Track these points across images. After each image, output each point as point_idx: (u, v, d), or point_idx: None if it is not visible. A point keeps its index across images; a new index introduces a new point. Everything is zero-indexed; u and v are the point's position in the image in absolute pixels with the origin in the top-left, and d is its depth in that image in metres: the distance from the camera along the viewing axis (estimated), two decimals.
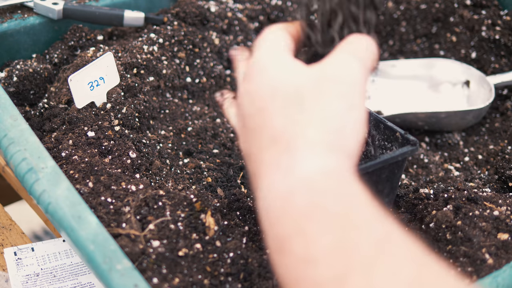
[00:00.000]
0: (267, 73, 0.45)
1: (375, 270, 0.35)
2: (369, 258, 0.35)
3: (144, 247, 0.55)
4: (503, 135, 0.89)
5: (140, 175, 0.69)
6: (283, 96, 0.43)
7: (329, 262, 0.36)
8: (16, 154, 0.59)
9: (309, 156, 0.40)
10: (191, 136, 0.83)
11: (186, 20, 0.92)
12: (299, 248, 0.37)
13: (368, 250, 0.36)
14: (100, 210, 0.58)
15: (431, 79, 0.96)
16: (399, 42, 1.06)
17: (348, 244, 0.36)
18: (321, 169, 0.39)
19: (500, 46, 0.96)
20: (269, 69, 0.45)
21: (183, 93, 0.90)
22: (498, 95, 0.94)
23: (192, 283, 0.53)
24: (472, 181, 0.80)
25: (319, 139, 0.40)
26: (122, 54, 0.83)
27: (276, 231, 0.39)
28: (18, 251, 0.69)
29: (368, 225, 0.37)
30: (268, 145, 0.42)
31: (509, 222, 0.61)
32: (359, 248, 0.36)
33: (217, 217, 0.60)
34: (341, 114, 0.42)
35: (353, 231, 0.37)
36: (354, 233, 0.36)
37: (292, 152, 0.40)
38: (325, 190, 0.38)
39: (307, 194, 0.38)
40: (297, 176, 0.39)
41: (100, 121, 0.71)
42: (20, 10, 0.89)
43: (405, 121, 0.89)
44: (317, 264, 0.36)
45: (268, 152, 0.42)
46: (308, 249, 0.37)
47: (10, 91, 0.81)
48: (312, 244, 0.37)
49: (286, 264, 0.38)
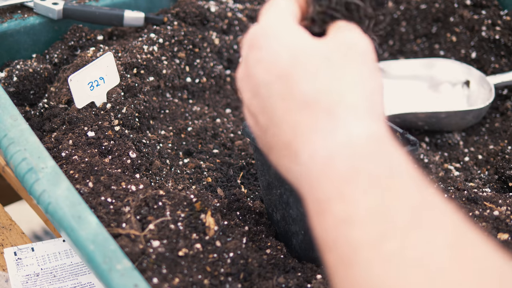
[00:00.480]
0: (282, 39, 0.44)
1: (411, 235, 0.35)
2: (406, 222, 0.36)
3: (144, 247, 0.55)
4: (503, 135, 0.89)
5: (140, 175, 0.69)
6: (308, 62, 0.42)
7: (367, 224, 0.36)
8: (16, 154, 0.59)
9: (351, 120, 0.40)
10: (191, 136, 0.83)
11: (186, 20, 0.92)
12: (339, 209, 0.37)
13: (406, 215, 0.36)
14: (100, 210, 0.58)
15: (431, 79, 0.96)
16: (399, 42, 1.06)
17: (386, 208, 0.36)
18: (364, 133, 0.39)
19: (500, 46, 0.96)
20: (283, 35, 0.44)
21: (183, 93, 0.90)
22: (498, 95, 0.94)
23: (192, 283, 0.53)
24: (472, 181, 0.80)
25: (359, 104, 0.41)
26: (122, 54, 0.83)
27: (317, 194, 0.39)
28: (18, 251, 0.69)
29: (407, 190, 0.37)
30: (300, 108, 0.41)
31: (509, 222, 0.61)
32: (397, 212, 0.36)
33: (217, 217, 0.60)
34: (368, 79, 0.43)
35: (393, 195, 0.37)
36: (393, 197, 0.37)
37: (333, 117, 0.40)
38: (368, 154, 0.38)
39: (349, 157, 0.38)
40: (340, 140, 0.39)
41: (100, 121, 0.71)
42: (20, 10, 0.89)
43: (405, 121, 0.89)
44: (355, 225, 0.36)
45: (302, 115, 0.41)
46: (349, 211, 0.37)
47: (10, 91, 0.81)
48: (352, 205, 0.37)
49: (325, 226, 0.38)
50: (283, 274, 0.58)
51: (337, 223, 0.37)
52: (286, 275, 0.58)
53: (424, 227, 0.36)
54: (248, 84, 0.45)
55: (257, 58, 0.44)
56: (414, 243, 0.35)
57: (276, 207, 0.64)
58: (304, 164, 0.41)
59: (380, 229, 0.36)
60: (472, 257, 0.35)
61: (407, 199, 0.37)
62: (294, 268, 0.59)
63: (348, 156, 0.38)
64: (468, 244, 0.36)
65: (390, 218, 0.36)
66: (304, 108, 0.41)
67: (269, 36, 0.44)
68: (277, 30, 0.44)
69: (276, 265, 0.59)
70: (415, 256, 0.34)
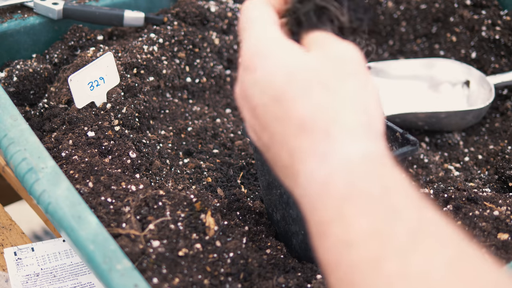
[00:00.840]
0: (274, 59, 0.43)
1: (411, 254, 0.35)
2: (405, 242, 0.36)
3: (144, 247, 0.55)
4: (503, 135, 0.89)
5: (140, 175, 0.69)
6: (302, 80, 0.42)
7: (367, 244, 0.36)
8: (16, 154, 0.59)
9: (348, 140, 0.40)
10: (191, 136, 0.83)
11: (186, 20, 0.92)
12: (339, 231, 0.38)
13: (405, 234, 0.36)
14: (100, 210, 0.58)
15: (431, 79, 0.96)
16: (399, 42, 1.06)
17: (386, 227, 0.37)
18: (361, 153, 0.39)
19: (500, 46, 0.96)
20: (274, 54, 0.44)
21: (183, 93, 0.90)
22: (498, 95, 0.94)
23: (192, 283, 0.53)
24: (472, 181, 0.80)
25: (355, 123, 0.41)
26: (122, 54, 0.83)
27: (317, 217, 0.40)
28: (18, 251, 0.69)
29: (406, 209, 0.38)
30: (296, 133, 0.41)
31: (509, 222, 0.61)
32: (396, 231, 0.36)
33: (217, 217, 0.60)
34: (362, 92, 0.42)
35: (392, 215, 0.37)
36: (391, 217, 0.37)
37: (329, 138, 0.40)
38: (366, 173, 0.39)
39: (347, 177, 0.38)
40: (337, 161, 0.39)
41: (100, 121, 0.71)
42: (20, 10, 0.89)
43: (405, 121, 0.89)
44: (356, 246, 0.37)
45: (299, 140, 0.41)
46: (348, 232, 0.37)
47: (10, 91, 0.81)
48: (351, 226, 0.37)
49: (327, 247, 0.39)
50: (283, 274, 0.58)
51: (338, 244, 0.38)
52: (286, 275, 0.58)
53: (422, 246, 0.36)
54: (246, 104, 0.46)
55: (253, 80, 0.44)
56: (413, 262, 0.35)
57: (276, 207, 0.64)
58: (303, 187, 0.41)
59: (378, 249, 0.36)
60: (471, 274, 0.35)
61: (404, 218, 0.37)
62: (294, 268, 0.59)
63: (345, 177, 0.39)
64: (466, 260, 0.36)
65: (388, 238, 0.36)
66: (300, 131, 0.41)
67: (263, 56, 0.44)
68: (270, 48, 0.44)
69: (276, 265, 0.59)
70: (415, 275, 0.35)
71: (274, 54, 0.44)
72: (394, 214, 0.37)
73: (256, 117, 0.44)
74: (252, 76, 0.44)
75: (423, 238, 0.36)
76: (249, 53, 0.45)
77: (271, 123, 0.43)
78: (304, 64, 0.43)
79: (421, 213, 0.38)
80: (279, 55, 0.44)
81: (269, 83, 0.43)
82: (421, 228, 0.37)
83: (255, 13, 0.47)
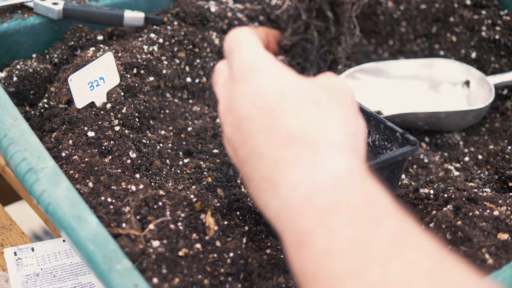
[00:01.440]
0: (269, 74, 0.44)
1: (391, 264, 0.36)
2: (386, 252, 0.36)
3: (144, 247, 0.55)
4: (503, 135, 0.89)
5: (140, 175, 0.69)
6: (295, 96, 0.43)
7: (348, 255, 0.37)
8: (16, 154, 0.59)
9: (334, 156, 0.41)
10: (191, 136, 0.83)
11: (186, 20, 0.92)
12: (320, 241, 0.38)
13: (385, 245, 0.37)
14: (100, 210, 0.58)
15: (431, 79, 0.96)
16: (399, 42, 1.06)
17: (367, 239, 0.37)
18: (346, 168, 0.40)
19: (500, 46, 0.96)
20: (269, 70, 0.45)
21: (183, 93, 0.90)
22: (498, 95, 0.94)
23: (192, 283, 0.53)
24: (472, 181, 0.80)
25: (343, 143, 0.42)
26: (122, 54, 0.83)
27: (297, 226, 0.40)
28: (18, 251, 0.69)
29: (388, 220, 0.38)
30: (282, 144, 0.42)
31: (509, 222, 0.61)
32: (376, 242, 0.37)
33: (217, 217, 0.60)
34: (352, 122, 0.44)
35: (374, 225, 0.38)
36: (372, 228, 0.38)
37: (316, 153, 0.41)
38: (350, 187, 0.40)
39: (332, 191, 0.39)
40: (323, 175, 0.40)
41: (100, 121, 0.71)
42: (20, 10, 0.89)
43: (405, 121, 0.89)
44: (337, 257, 0.37)
45: (284, 152, 0.42)
46: (330, 242, 0.38)
47: (10, 91, 0.81)
48: (335, 237, 0.38)
49: (305, 258, 0.39)
50: (283, 274, 0.58)
51: (318, 255, 0.38)
52: (286, 275, 0.58)
53: (404, 254, 0.36)
54: (230, 117, 0.46)
55: (244, 91, 0.45)
56: (394, 272, 0.35)
57: None
58: (284, 198, 0.41)
59: (360, 260, 0.36)
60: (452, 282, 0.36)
61: (386, 229, 0.38)
62: None
63: (330, 190, 0.39)
64: (446, 270, 0.36)
65: (370, 248, 0.37)
66: (287, 142, 0.42)
67: (257, 70, 0.45)
68: (263, 65, 0.45)
69: (276, 265, 0.59)
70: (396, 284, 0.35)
71: (269, 70, 0.45)
72: (377, 225, 0.38)
73: (238, 129, 0.45)
74: (244, 88, 0.45)
75: (405, 247, 0.37)
76: (242, 67, 0.46)
77: (254, 135, 0.43)
78: (300, 83, 0.44)
79: (402, 224, 0.38)
80: (275, 71, 0.45)
81: (261, 95, 0.44)
82: (402, 237, 0.37)
83: (243, 37, 0.48)
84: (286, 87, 0.44)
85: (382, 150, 0.66)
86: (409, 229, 0.38)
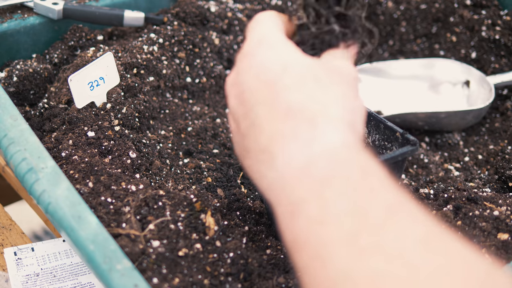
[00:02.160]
0: (275, 49, 0.46)
1: (385, 230, 0.37)
2: (380, 219, 0.37)
3: (144, 247, 0.55)
4: (503, 135, 0.89)
5: (140, 175, 0.69)
6: (297, 72, 0.44)
7: (341, 223, 0.37)
8: (16, 154, 0.59)
9: (331, 130, 0.42)
10: (191, 136, 0.83)
11: (186, 20, 0.92)
12: (313, 210, 0.39)
13: (380, 213, 0.37)
14: (100, 210, 0.58)
15: (431, 79, 0.96)
16: (399, 42, 1.06)
17: (361, 207, 0.38)
18: (342, 142, 0.41)
19: (500, 46, 0.96)
20: (276, 47, 0.46)
21: (183, 93, 0.90)
22: (498, 95, 0.94)
23: (192, 283, 0.53)
24: (472, 181, 0.80)
25: (340, 117, 0.43)
26: (122, 54, 0.83)
27: (290, 197, 0.41)
28: (18, 251, 0.69)
29: (381, 192, 0.39)
30: (281, 117, 0.43)
31: (509, 222, 0.61)
32: (371, 211, 0.38)
33: (217, 217, 0.60)
34: (352, 99, 0.45)
35: (368, 196, 0.38)
36: (368, 198, 0.38)
37: (314, 126, 0.42)
38: (346, 160, 0.41)
39: (328, 163, 0.40)
40: (319, 148, 0.41)
41: (100, 121, 0.71)
42: (20, 10, 0.89)
43: (405, 121, 0.89)
44: (329, 224, 0.38)
45: (282, 124, 0.43)
46: (323, 211, 0.38)
47: (10, 91, 0.81)
48: (328, 206, 0.38)
49: (297, 226, 0.39)
50: (283, 274, 0.58)
51: (310, 223, 0.39)
52: (286, 275, 0.58)
53: (398, 222, 0.37)
54: (235, 90, 0.47)
55: (249, 65, 0.46)
56: (387, 238, 0.36)
57: None
58: (279, 169, 0.42)
59: (354, 227, 0.37)
60: (443, 251, 0.36)
61: (380, 198, 0.39)
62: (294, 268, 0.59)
63: (326, 163, 0.40)
64: (439, 238, 0.37)
65: (365, 216, 0.37)
66: (286, 115, 0.43)
67: (264, 45, 0.46)
68: (271, 41, 0.47)
69: (276, 265, 0.59)
70: (390, 249, 0.36)
71: (276, 46, 0.46)
72: (371, 196, 0.39)
73: (241, 102, 0.46)
74: (250, 61, 0.46)
75: (399, 216, 0.38)
76: (252, 42, 0.47)
77: (256, 107, 0.45)
78: (304, 60, 0.46)
79: (397, 196, 0.39)
80: (281, 48, 0.46)
81: (265, 69, 0.45)
82: (397, 207, 0.38)
83: (263, 17, 0.50)
84: (289, 62, 0.45)
85: (382, 150, 0.66)
86: (403, 200, 0.39)
